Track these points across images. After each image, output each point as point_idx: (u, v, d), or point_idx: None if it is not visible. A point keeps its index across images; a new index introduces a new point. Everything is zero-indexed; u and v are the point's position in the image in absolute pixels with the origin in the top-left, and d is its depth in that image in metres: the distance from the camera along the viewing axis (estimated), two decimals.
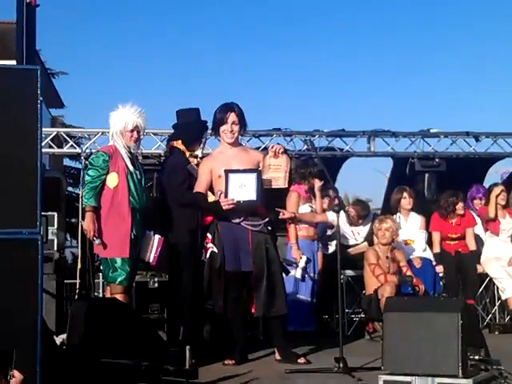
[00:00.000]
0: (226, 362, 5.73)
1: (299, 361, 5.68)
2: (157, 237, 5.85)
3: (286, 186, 6.01)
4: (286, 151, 6.05)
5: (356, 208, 8.31)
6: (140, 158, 6.69)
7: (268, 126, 10.02)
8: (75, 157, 11.94)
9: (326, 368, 5.08)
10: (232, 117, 5.89)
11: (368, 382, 4.55)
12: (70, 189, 20.23)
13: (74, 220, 16.81)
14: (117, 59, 42.74)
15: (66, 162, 21.79)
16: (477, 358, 4.26)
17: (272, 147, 5.98)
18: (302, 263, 7.54)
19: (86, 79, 42.10)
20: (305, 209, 7.82)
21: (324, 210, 7.89)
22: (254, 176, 5.71)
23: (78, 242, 8.92)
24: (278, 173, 5.91)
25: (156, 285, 8.17)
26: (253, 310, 5.90)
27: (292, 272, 7.45)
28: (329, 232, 8.25)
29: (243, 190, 5.66)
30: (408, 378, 4.18)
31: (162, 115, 14.91)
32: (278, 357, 5.82)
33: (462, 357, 4.11)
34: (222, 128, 5.92)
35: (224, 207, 5.65)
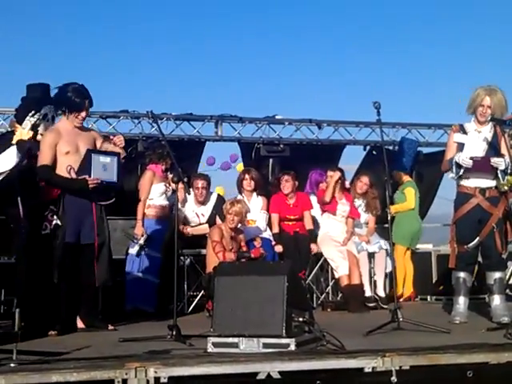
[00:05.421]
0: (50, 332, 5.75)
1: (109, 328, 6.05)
2: None
3: None
4: (124, 147, 6.39)
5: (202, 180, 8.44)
6: None
7: (115, 108, 9.94)
8: None
9: (160, 336, 5.13)
10: (86, 104, 6.16)
11: (198, 345, 4.64)
12: None
13: None
14: None
15: None
16: (301, 319, 4.45)
17: (115, 136, 6.40)
18: (141, 240, 7.59)
19: None
20: (159, 187, 7.91)
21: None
22: (115, 159, 6.09)
23: None
24: None
25: None
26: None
27: (131, 249, 7.59)
28: None
29: (105, 171, 6.02)
30: (236, 340, 4.33)
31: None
32: (81, 325, 6.08)
33: (286, 318, 4.29)
34: (78, 114, 6.13)
35: (90, 186, 5.93)
